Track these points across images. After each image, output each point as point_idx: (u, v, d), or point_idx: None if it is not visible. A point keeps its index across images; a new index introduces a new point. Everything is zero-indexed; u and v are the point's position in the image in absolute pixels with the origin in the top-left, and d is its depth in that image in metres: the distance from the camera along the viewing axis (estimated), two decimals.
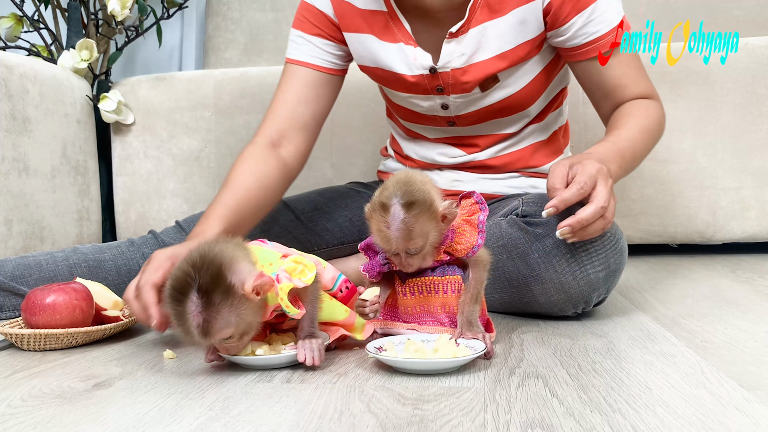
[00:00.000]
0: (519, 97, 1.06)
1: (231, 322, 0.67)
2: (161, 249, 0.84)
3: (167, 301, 0.68)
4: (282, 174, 1.05)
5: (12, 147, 1.31)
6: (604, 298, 0.94)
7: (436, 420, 0.55)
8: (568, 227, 0.81)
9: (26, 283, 1.04)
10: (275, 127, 1.06)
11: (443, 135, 1.15)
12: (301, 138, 1.08)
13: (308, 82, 1.08)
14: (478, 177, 1.16)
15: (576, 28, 0.98)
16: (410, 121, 1.17)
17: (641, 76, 1.04)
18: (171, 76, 1.70)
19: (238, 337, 0.69)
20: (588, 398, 0.60)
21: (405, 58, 1.05)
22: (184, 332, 0.68)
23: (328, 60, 1.09)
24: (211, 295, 0.65)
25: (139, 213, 1.68)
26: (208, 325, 0.66)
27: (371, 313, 0.80)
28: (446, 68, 1.03)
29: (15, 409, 0.61)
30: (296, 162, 1.08)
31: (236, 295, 0.67)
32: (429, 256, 0.76)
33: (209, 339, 0.68)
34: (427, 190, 0.74)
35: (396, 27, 1.04)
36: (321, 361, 0.71)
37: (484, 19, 1.00)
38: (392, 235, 0.72)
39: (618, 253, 0.90)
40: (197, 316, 0.66)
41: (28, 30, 1.66)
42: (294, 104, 1.07)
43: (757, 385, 0.62)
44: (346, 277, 0.83)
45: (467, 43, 1.01)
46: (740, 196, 1.52)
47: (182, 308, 0.66)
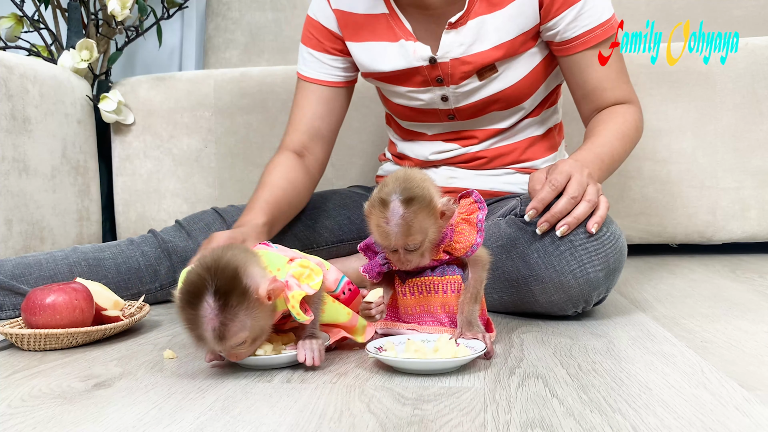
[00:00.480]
0: (516, 88, 1.09)
1: (246, 325, 0.66)
2: (220, 231, 0.92)
3: (180, 305, 0.67)
4: (308, 179, 1.15)
5: (12, 147, 1.31)
6: (604, 297, 0.94)
7: (436, 420, 0.55)
8: (546, 223, 0.87)
9: (26, 281, 1.04)
10: (297, 140, 1.15)
11: (442, 130, 1.17)
12: (320, 148, 1.17)
13: (321, 98, 1.16)
14: (474, 174, 1.17)
15: (567, 22, 1.03)
16: (410, 119, 1.18)
17: (621, 79, 1.09)
18: (171, 76, 1.70)
19: (250, 342, 0.68)
20: (588, 398, 0.60)
21: (405, 53, 1.08)
22: (197, 337, 0.66)
23: (337, 74, 1.16)
24: (227, 297, 0.64)
25: (139, 213, 1.68)
26: (225, 329, 0.65)
27: (377, 314, 0.79)
28: (445, 58, 1.06)
29: (15, 409, 0.61)
30: (317, 170, 1.18)
31: (251, 299, 0.66)
32: (427, 254, 0.76)
33: (224, 343, 0.66)
34: (425, 186, 0.74)
35: (396, 26, 1.08)
36: (321, 362, 0.71)
37: (483, 12, 1.04)
38: (391, 230, 0.72)
39: (618, 252, 0.90)
40: (213, 320, 0.64)
41: (28, 30, 1.66)
42: (310, 119, 1.15)
43: (757, 385, 0.62)
44: (348, 279, 0.83)
45: (466, 34, 1.05)
46: (740, 196, 1.52)
47: (196, 312, 0.65)
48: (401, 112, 1.18)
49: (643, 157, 1.53)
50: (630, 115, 1.07)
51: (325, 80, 1.16)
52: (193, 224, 1.18)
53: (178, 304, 0.67)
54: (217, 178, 1.66)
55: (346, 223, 1.26)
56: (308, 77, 1.17)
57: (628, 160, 1.52)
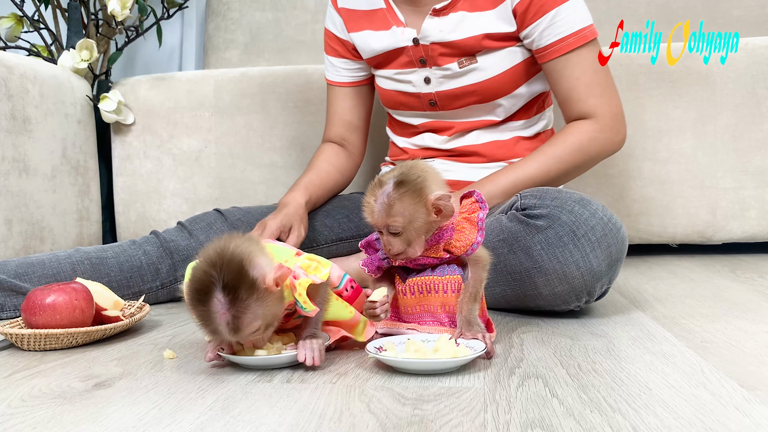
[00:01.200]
0: (494, 83, 1.14)
1: (258, 315, 0.67)
2: (272, 218, 1.10)
3: (191, 302, 0.68)
4: (350, 161, 1.33)
5: (12, 147, 1.31)
6: (606, 290, 0.95)
7: (436, 420, 0.55)
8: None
9: (29, 280, 1.04)
10: (335, 132, 1.33)
11: (426, 119, 1.23)
12: (356, 136, 1.34)
13: (347, 96, 1.32)
14: (467, 167, 1.20)
15: (540, 30, 1.09)
16: (396, 107, 1.26)
17: (593, 92, 1.11)
18: (171, 76, 1.70)
19: (264, 329, 0.70)
20: (588, 398, 0.60)
21: (394, 35, 1.19)
22: (212, 332, 0.68)
23: (356, 75, 1.31)
24: (236, 291, 0.66)
25: (139, 213, 1.68)
26: (238, 321, 0.66)
27: (382, 313, 0.79)
28: (426, 41, 1.15)
29: (15, 409, 0.61)
30: (358, 154, 1.35)
31: (260, 288, 0.67)
32: (416, 246, 0.76)
33: (239, 334, 0.68)
34: (424, 177, 0.75)
35: (391, 17, 1.19)
36: (321, 362, 0.71)
37: (466, 9, 1.12)
38: (375, 208, 0.75)
39: (619, 242, 0.92)
40: (225, 314, 0.66)
41: (28, 30, 1.66)
42: (342, 114, 1.33)
43: (757, 385, 0.62)
44: (351, 277, 0.83)
45: (447, 23, 1.13)
46: (740, 196, 1.52)
47: (207, 308, 0.66)
48: (390, 97, 1.25)
49: (643, 157, 1.53)
50: (575, 136, 1.10)
51: (347, 82, 1.31)
52: (195, 224, 1.19)
53: (189, 301, 0.68)
54: (217, 178, 1.66)
55: (345, 221, 1.29)
56: (333, 81, 1.32)
57: (628, 161, 1.52)
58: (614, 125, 1.12)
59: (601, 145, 1.12)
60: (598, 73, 1.11)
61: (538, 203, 0.94)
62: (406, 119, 1.26)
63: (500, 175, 1.10)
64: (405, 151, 1.28)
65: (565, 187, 1.24)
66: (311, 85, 1.63)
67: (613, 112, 1.12)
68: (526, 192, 0.99)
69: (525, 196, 0.97)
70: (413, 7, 1.16)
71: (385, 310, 0.78)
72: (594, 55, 1.10)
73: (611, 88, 1.12)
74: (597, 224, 0.89)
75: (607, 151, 1.13)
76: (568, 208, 0.91)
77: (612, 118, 1.12)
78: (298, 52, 1.92)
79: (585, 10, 1.10)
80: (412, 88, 1.21)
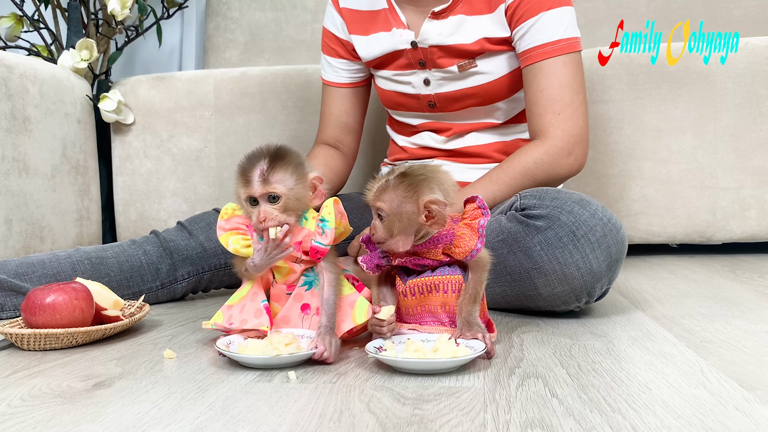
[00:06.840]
0: (493, 86, 1.14)
1: (287, 181, 0.76)
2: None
3: (240, 163, 0.78)
4: (344, 163, 1.31)
5: (12, 147, 1.31)
6: (606, 291, 0.95)
7: (436, 420, 0.55)
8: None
9: (29, 280, 1.04)
10: (329, 134, 1.31)
11: (425, 120, 1.23)
12: (350, 138, 1.32)
13: (343, 97, 1.30)
14: (466, 167, 1.21)
15: (522, 33, 1.08)
16: (395, 107, 1.26)
17: (550, 106, 1.07)
18: (171, 76, 1.70)
19: (282, 208, 0.76)
20: (588, 398, 0.60)
21: (393, 38, 1.18)
22: (244, 182, 0.76)
23: (352, 76, 1.29)
24: (281, 154, 0.77)
25: (139, 213, 1.68)
26: (270, 172, 0.75)
27: (389, 332, 0.78)
28: (425, 44, 1.15)
29: (15, 409, 0.61)
30: (351, 155, 1.34)
31: (301, 169, 0.77)
32: (399, 240, 0.76)
33: (265, 186, 0.75)
34: (428, 177, 0.75)
35: (392, 18, 1.18)
36: (334, 360, 0.72)
37: (465, 13, 1.12)
38: (373, 188, 0.77)
39: (619, 242, 0.92)
40: (263, 164, 0.76)
41: (28, 30, 1.66)
42: (337, 116, 1.31)
43: (757, 385, 0.62)
44: (350, 274, 0.83)
45: (446, 26, 1.13)
46: (740, 196, 1.52)
47: (251, 160, 0.77)
48: (390, 97, 1.25)
49: (643, 157, 1.53)
50: (520, 159, 1.06)
51: (345, 83, 1.29)
52: (195, 224, 1.19)
53: (238, 166, 0.78)
54: (217, 178, 1.66)
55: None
56: (329, 81, 1.30)
57: (628, 161, 1.52)
58: (565, 147, 1.06)
59: (549, 169, 1.06)
60: (564, 88, 1.06)
61: (538, 203, 0.94)
62: (405, 119, 1.27)
63: None
64: (404, 150, 1.28)
65: (565, 187, 1.24)
66: (311, 85, 1.63)
67: (566, 132, 1.06)
68: (526, 192, 0.99)
69: (524, 197, 0.97)
70: (415, 7, 1.16)
71: (392, 330, 0.77)
72: (568, 70, 1.05)
73: (573, 108, 1.06)
74: (597, 225, 0.89)
75: (557, 174, 1.07)
76: (568, 208, 0.91)
77: (563, 139, 1.06)
78: (297, 51, 1.92)
79: (571, 23, 1.07)
80: (412, 89, 1.21)
